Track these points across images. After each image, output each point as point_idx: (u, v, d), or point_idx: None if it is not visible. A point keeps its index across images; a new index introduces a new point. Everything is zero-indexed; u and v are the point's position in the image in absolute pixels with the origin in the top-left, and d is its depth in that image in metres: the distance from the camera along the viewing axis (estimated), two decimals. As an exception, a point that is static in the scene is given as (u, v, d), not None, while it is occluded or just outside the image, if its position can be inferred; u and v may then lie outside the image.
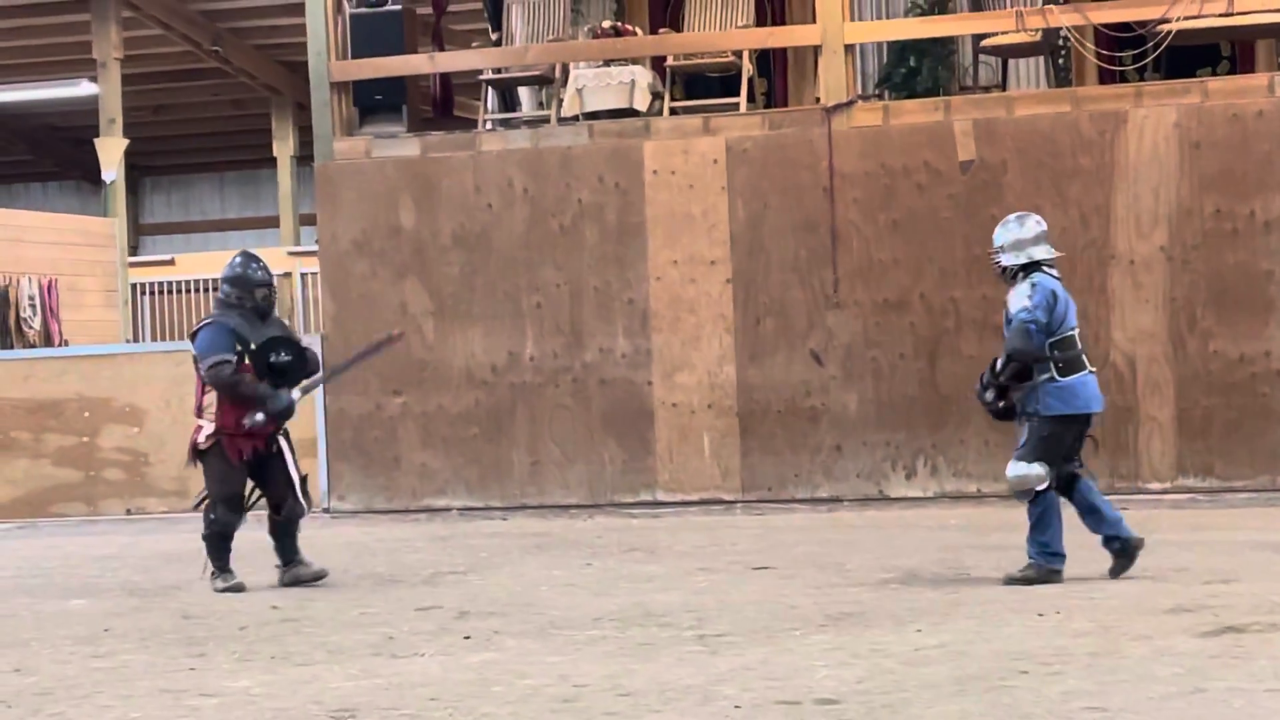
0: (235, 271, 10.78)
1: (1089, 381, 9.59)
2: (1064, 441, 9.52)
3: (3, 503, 16.26)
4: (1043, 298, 9.45)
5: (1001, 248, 9.70)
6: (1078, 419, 9.57)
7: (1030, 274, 9.58)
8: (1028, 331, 9.37)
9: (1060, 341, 9.49)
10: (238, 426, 10.49)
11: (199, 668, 7.91)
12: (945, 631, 8.03)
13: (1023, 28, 14.87)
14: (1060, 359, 9.48)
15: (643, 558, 11.44)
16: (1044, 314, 9.42)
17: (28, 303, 19.77)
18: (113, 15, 22.88)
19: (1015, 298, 9.54)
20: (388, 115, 15.94)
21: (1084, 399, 9.54)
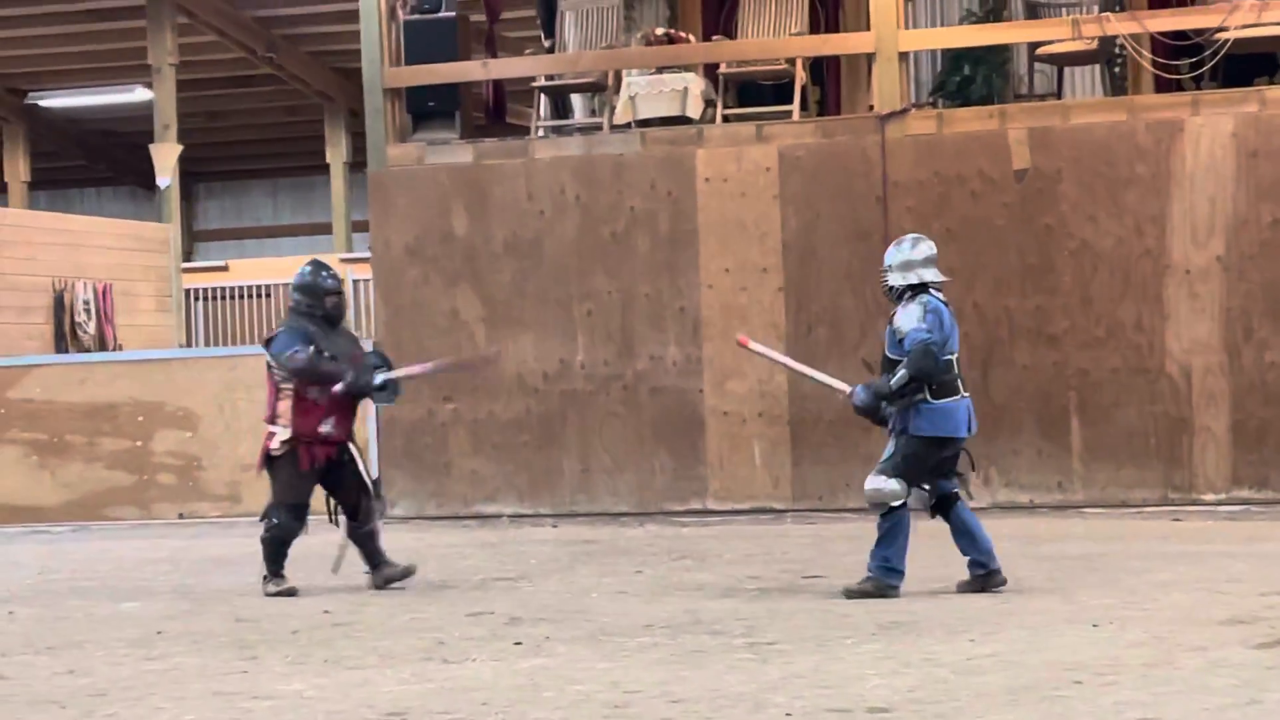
0: (306, 279, 10.82)
1: (961, 406, 9.66)
2: (927, 462, 9.62)
3: (57, 505, 16.34)
4: (934, 319, 9.52)
5: (890, 267, 9.77)
6: (945, 442, 9.65)
7: (918, 295, 9.62)
8: (931, 352, 9.43)
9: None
10: (314, 432, 10.52)
11: (251, 671, 7.93)
12: (998, 641, 7.99)
13: (1079, 35, 14.82)
14: (936, 382, 9.54)
15: (693, 566, 11.42)
16: (938, 334, 9.48)
17: (83, 307, 19.88)
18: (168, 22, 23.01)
19: (906, 318, 9.59)
20: (441, 122, 15.97)
21: (954, 423, 9.62)
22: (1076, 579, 10.10)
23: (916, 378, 9.47)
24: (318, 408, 10.56)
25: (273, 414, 10.61)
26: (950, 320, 9.67)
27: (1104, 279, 14.26)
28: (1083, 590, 9.61)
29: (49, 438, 16.40)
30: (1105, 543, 11.99)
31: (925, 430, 9.56)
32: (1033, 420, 14.39)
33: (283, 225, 33.79)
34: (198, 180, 33.38)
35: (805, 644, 8.12)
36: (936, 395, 9.55)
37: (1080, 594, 9.47)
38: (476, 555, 12.33)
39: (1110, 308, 14.24)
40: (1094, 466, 14.27)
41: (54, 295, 19.65)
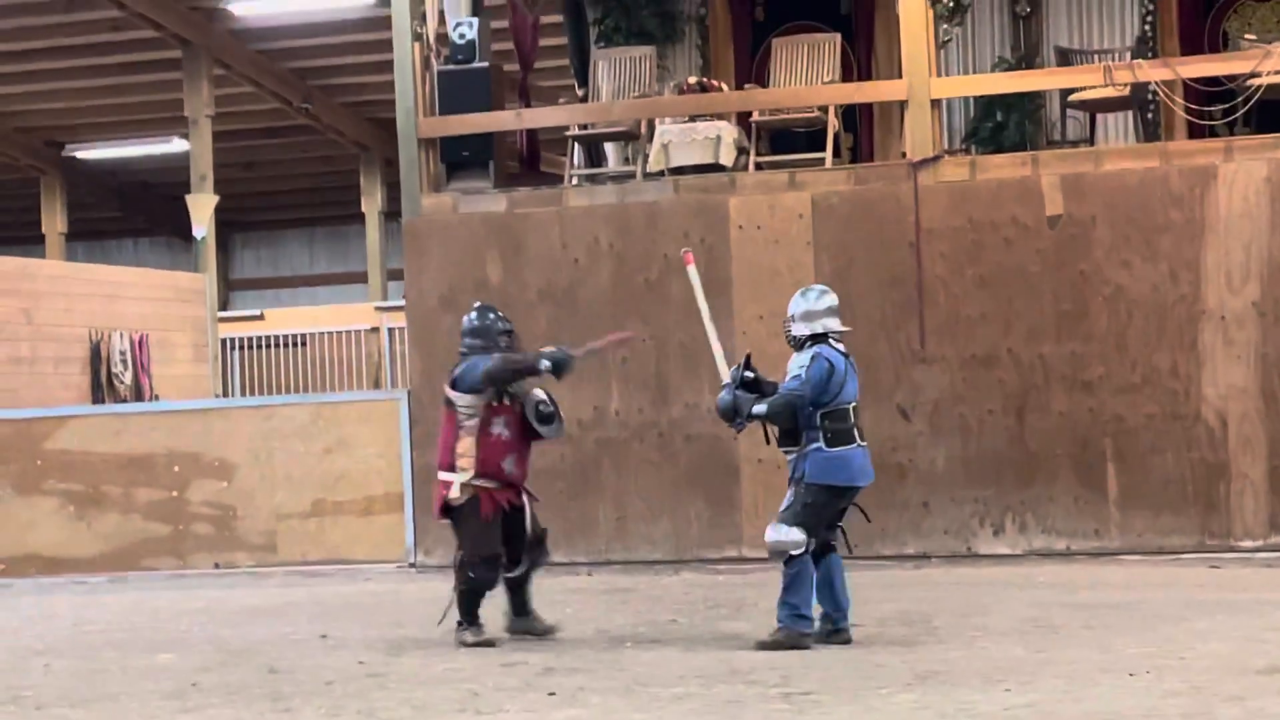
0: (476, 323, 10.75)
1: (858, 454, 9.73)
2: (826, 511, 9.70)
3: (93, 556, 16.38)
4: (818, 371, 9.63)
5: (794, 317, 9.91)
6: (843, 490, 9.73)
7: (816, 344, 9.76)
8: (792, 405, 9.62)
9: (832, 413, 9.66)
10: (497, 470, 10.36)
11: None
12: (1034, 690, 7.96)
13: (1111, 82, 14.81)
14: (830, 430, 9.64)
15: (728, 614, 11.40)
16: (812, 390, 9.60)
17: (119, 358, 19.97)
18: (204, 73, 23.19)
19: (793, 365, 9.77)
20: (475, 171, 16.03)
21: (850, 472, 9.70)
22: (1113, 627, 10.05)
23: (769, 419, 9.70)
24: (502, 443, 10.37)
25: (450, 458, 10.38)
26: (847, 369, 9.77)
27: (1139, 325, 14.22)
28: (1120, 638, 9.57)
29: (85, 488, 16.45)
30: (1142, 590, 11.93)
31: (821, 478, 9.65)
32: (1069, 467, 14.35)
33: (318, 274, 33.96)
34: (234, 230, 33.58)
35: (841, 694, 8.10)
36: (831, 444, 9.66)
37: (1117, 642, 9.42)
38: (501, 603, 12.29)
39: (1146, 354, 14.21)
40: (1131, 513, 14.21)
41: (91, 346, 19.74)
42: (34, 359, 19.25)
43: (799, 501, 9.67)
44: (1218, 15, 16.64)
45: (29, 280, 19.61)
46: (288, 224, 34.14)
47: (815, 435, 9.63)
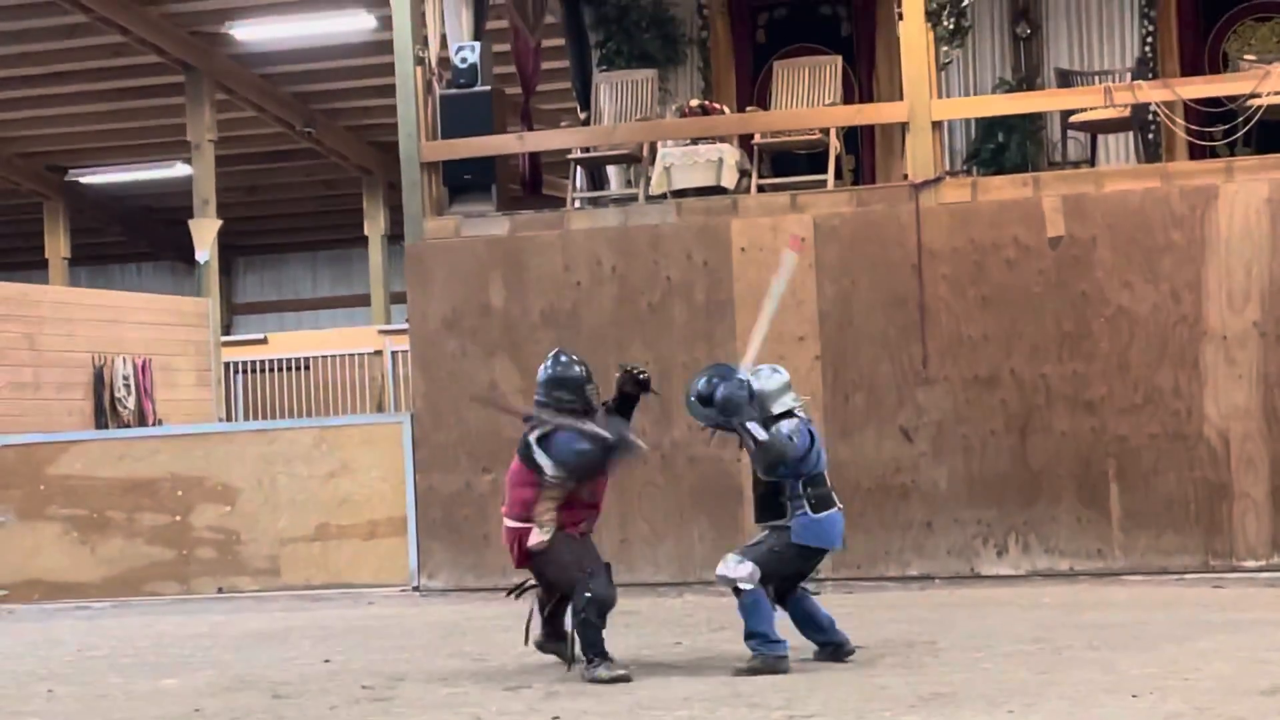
0: (559, 373, 10.16)
1: (839, 518, 9.93)
2: (791, 566, 9.84)
3: (97, 581, 16.38)
4: (804, 441, 9.83)
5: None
6: (818, 553, 9.91)
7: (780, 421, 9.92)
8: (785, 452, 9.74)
9: (813, 479, 9.86)
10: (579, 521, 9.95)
11: (289, 748, 7.93)
12: (1037, 712, 7.95)
13: (1111, 103, 14.85)
14: (814, 495, 9.84)
15: (732, 636, 11.36)
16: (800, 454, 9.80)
17: (122, 382, 20.00)
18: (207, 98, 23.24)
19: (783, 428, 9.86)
20: (477, 194, 16.05)
21: (831, 536, 9.89)
22: (1117, 647, 10.05)
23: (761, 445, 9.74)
24: (584, 504, 9.97)
25: (527, 512, 9.84)
26: (817, 437, 10.00)
27: (1141, 345, 14.24)
28: (1123, 659, 9.56)
29: (89, 513, 16.47)
30: (1146, 610, 11.93)
31: (802, 539, 9.78)
32: (1072, 487, 14.35)
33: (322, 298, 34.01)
34: (237, 254, 33.63)
35: (845, 716, 8.10)
36: (816, 509, 9.81)
37: (1121, 663, 9.42)
38: (515, 627, 12.28)
39: (1148, 374, 14.22)
40: (1134, 533, 14.21)
41: (94, 371, 19.78)
42: (37, 384, 19.28)
43: (767, 545, 9.77)
44: (1218, 36, 16.68)
45: (32, 305, 19.64)
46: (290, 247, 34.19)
47: (800, 504, 9.80)
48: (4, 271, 26.37)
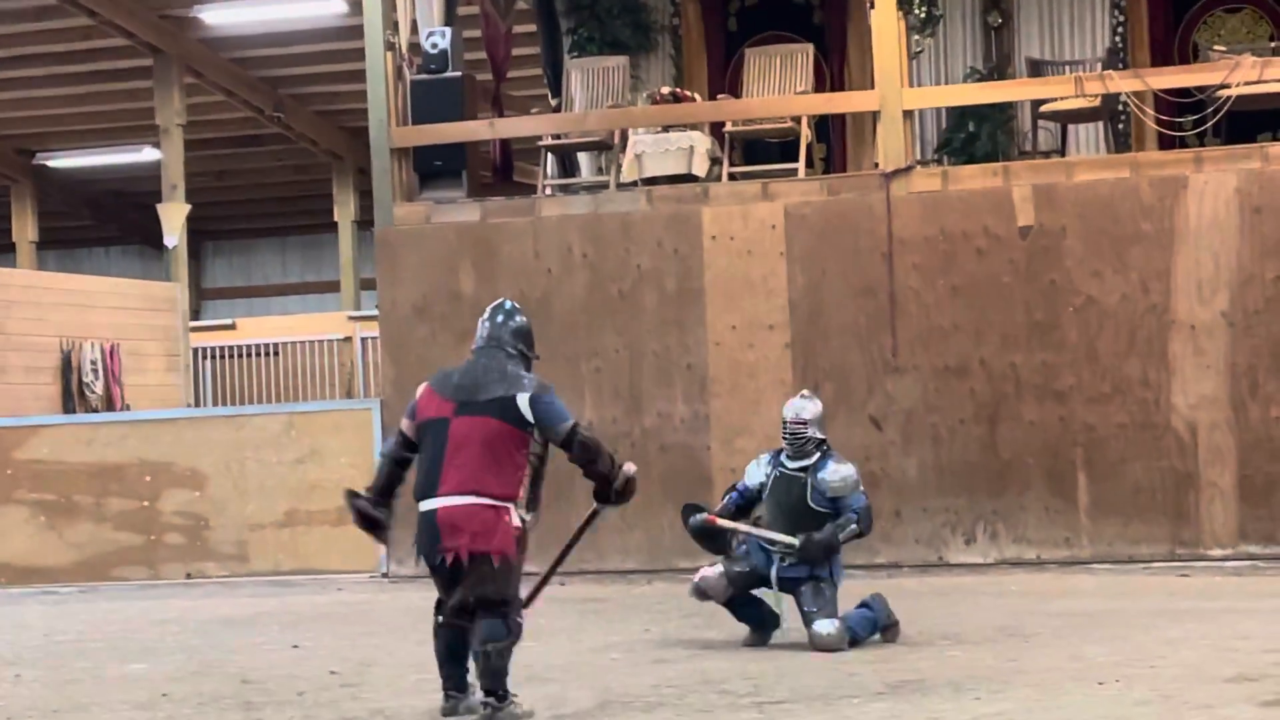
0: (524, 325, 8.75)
1: None
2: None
3: (65, 566, 16.34)
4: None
5: (808, 422, 10.37)
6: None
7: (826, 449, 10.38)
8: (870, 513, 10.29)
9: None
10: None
11: (257, 733, 7.93)
12: (1004, 699, 7.98)
13: (1082, 93, 14.87)
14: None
15: (701, 624, 11.40)
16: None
17: (90, 367, 19.93)
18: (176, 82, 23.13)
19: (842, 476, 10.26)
20: (448, 181, 16.01)
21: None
22: (1084, 636, 10.09)
23: (863, 534, 10.26)
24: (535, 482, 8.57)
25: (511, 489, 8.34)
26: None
27: (1110, 335, 14.28)
28: (1090, 647, 9.60)
29: (57, 498, 16.41)
30: (1112, 599, 11.98)
31: (839, 576, 10.26)
32: (1040, 476, 14.39)
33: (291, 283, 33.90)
34: (206, 239, 33.50)
35: (813, 703, 8.12)
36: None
37: (1087, 651, 9.46)
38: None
39: (1116, 363, 14.26)
40: (1101, 522, 14.26)
41: (62, 355, 19.70)
42: (4, 368, 19.20)
43: (831, 602, 10.05)
44: (1188, 27, 16.71)
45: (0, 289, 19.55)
46: (260, 233, 34.07)
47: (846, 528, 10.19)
48: (-29, 255, 26.29)
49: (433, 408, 8.31)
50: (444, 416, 8.23)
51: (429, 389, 8.42)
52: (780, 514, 10.15)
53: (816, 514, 10.12)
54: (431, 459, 8.21)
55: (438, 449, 8.18)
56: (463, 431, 8.15)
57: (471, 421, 8.16)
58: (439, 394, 8.33)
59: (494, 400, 8.20)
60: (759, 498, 10.34)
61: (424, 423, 8.32)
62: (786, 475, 10.21)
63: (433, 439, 8.23)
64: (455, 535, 8.13)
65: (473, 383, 8.29)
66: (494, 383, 8.27)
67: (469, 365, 8.43)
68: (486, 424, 8.16)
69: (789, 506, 10.13)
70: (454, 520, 8.12)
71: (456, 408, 8.22)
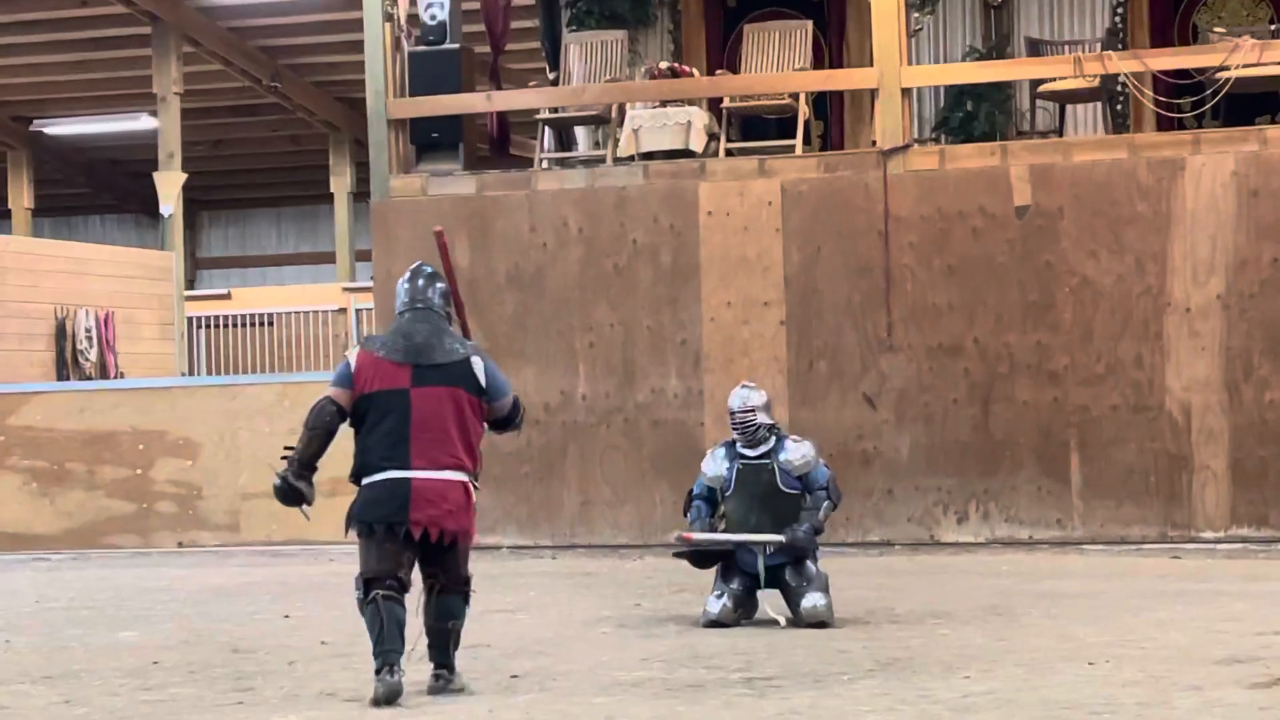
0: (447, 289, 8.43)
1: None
2: None
3: (56, 533, 16.34)
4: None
5: (756, 409, 10.38)
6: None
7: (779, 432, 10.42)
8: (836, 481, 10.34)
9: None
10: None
11: (247, 702, 7.94)
12: (994, 678, 7.99)
13: (1081, 73, 14.85)
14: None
15: (692, 599, 11.40)
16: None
17: (84, 335, 19.91)
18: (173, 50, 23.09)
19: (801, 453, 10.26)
20: (444, 153, 16.00)
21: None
22: (1074, 616, 10.10)
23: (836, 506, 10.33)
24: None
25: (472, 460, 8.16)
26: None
27: (1104, 316, 14.27)
28: (1080, 627, 9.61)
29: (49, 465, 16.41)
30: (1103, 580, 11.98)
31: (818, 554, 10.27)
32: (1032, 456, 14.40)
33: (286, 254, 33.87)
34: (201, 208, 33.45)
35: (802, 680, 8.12)
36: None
37: (1077, 631, 9.46)
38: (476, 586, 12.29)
39: (1110, 345, 14.26)
40: (1093, 503, 14.27)
41: (56, 322, 19.68)
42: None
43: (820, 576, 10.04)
44: (1188, 8, 16.69)
45: (-6, 256, 19.53)
46: (256, 203, 34.03)
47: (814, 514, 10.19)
48: (-33, 221, 26.26)
49: (384, 377, 8.02)
50: (401, 387, 7.99)
51: (370, 355, 8.11)
52: (754, 503, 10.13)
53: (788, 495, 10.14)
54: (392, 430, 7.97)
55: (399, 420, 7.96)
56: (428, 404, 7.97)
57: (437, 393, 7.98)
58: (389, 360, 8.04)
59: (451, 365, 8.04)
60: (723, 492, 10.29)
61: (374, 394, 8.03)
62: (751, 465, 10.20)
63: (391, 410, 7.99)
64: (428, 509, 7.94)
65: (426, 341, 8.08)
66: (441, 346, 8.09)
67: (408, 328, 8.16)
68: (454, 394, 8.00)
69: (761, 494, 10.13)
70: (430, 494, 7.94)
71: (414, 375, 8.00)
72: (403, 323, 8.20)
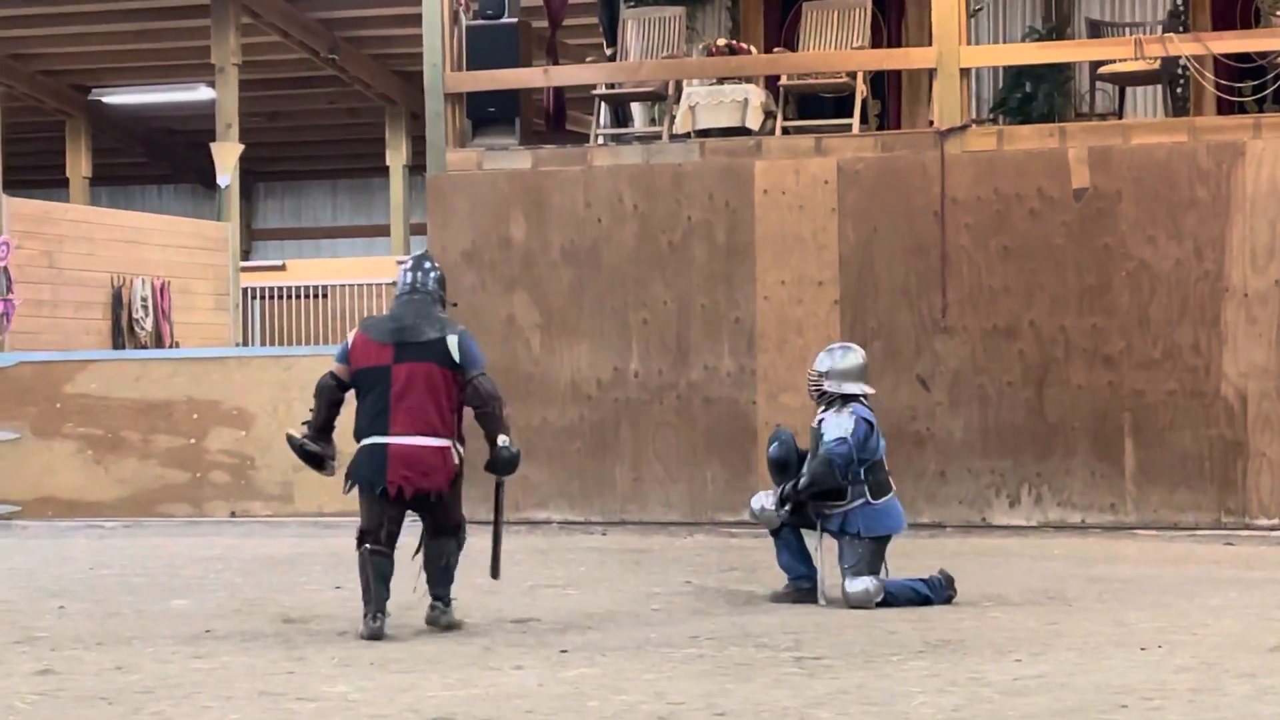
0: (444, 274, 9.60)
1: (897, 503, 10.23)
2: (880, 557, 10.08)
3: (111, 501, 16.43)
4: (862, 432, 10.00)
5: (824, 374, 10.19)
6: (888, 538, 10.15)
7: (848, 404, 10.11)
8: (831, 464, 9.92)
9: (873, 466, 10.09)
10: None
11: (298, 671, 7.97)
12: (1045, 662, 7.97)
13: (1141, 55, 14.76)
14: (873, 483, 10.09)
15: (742, 577, 11.41)
16: (855, 449, 9.95)
17: (140, 304, 20.02)
18: (232, 21, 23.15)
19: (833, 426, 10.01)
20: (500, 128, 16.01)
21: (894, 520, 10.19)
22: (1126, 601, 10.06)
23: (813, 485, 9.98)
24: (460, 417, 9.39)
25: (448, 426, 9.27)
26: (876, 426, 10.17)
27: (1162, 300, 14.20)
28: (1132, 613, 9.57)
29: (104, 433, 16.50)
30: (1156, 565, 11.94)
31: (872, 530, 10.05)
32: (1087, 440, 14.34)
33: (341, 226, 33.97)
34: (258, 180, 33.58)
35: (852, 659, 8.11)
36: (875, 496, 10.09)
37: (1130, 616, 9.43)
38: (526, 561, 12.34)
39: (1167, 330, 14.18)
40: (1147, 488, 14.20)
41: (112, 291, 19.81)
42: (56, 303, 19.31)
43: (865, 554, 9.98)
44: (1250, -9, 16.56)
45: (52, 224, 19.65)
46: (311, 175, 34.14)
47: (860, 490, 10.04)
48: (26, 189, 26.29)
49: (370, 355, 9.21)
50: (384, 364, 9.16)
51: (362, 336, 9.30)
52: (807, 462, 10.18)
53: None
54: (376, 402, 9.19)
55: (381, 393, 9.16)
56: (404, 377, 9.12)
57: (412, 368, 9.11)
58: (375, 340, 9.21)
59: (430, 343, 9.14)
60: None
61: (363, 370, 9.24)
62: (813, 430, 10.19)
63: (375, 384, 9.20)
64: (403, 470, 9.15)
65: (411, 324, 9.20)
66: (427, 325, 9.21)
67: (400, 310, 9.33)
68: (428, 370, 9.11)
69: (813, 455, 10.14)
70: (405, 457, 9.14)
71: (395, 353, 9.14)
72: (396, 306, 9.42)
